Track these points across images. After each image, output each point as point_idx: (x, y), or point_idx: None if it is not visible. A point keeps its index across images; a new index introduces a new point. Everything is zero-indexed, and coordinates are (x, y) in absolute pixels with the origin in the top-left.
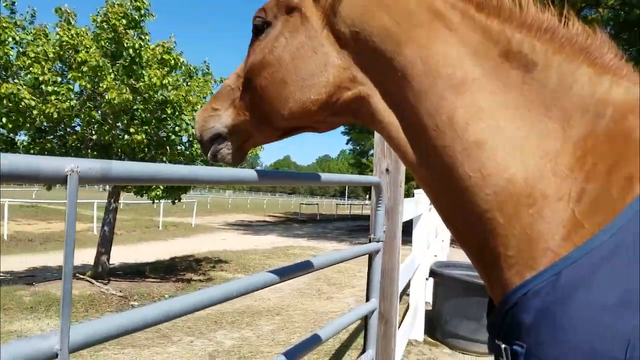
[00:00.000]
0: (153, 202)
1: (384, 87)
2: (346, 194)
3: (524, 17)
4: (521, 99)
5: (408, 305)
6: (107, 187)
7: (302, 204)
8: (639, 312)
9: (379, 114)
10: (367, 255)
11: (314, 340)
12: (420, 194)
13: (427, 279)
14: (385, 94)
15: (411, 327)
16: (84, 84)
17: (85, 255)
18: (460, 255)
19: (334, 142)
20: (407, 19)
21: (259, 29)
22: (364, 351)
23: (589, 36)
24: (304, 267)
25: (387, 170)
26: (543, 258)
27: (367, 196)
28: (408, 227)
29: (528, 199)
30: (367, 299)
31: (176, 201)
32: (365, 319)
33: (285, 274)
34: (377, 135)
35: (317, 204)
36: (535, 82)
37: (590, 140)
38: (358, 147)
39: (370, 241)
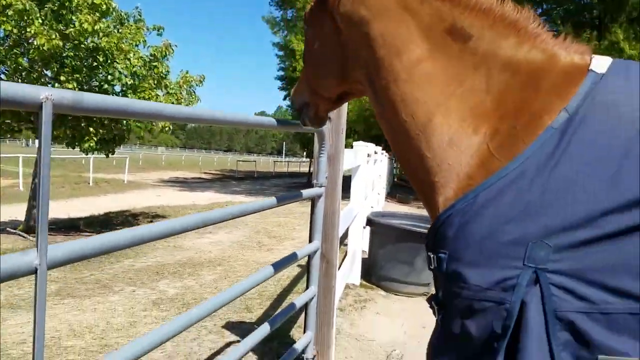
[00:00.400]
0: (87, 154)
1: (364, 61)
2: (283, 152)
3: (469, 1)
4: (456, 62)
5: (346, 253)
6: (37, 140)
7: (239, 161)
8: (537, 221)
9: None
10: (307, 210)
11: (265, 274)
12: (358, 146)
13: (364, 227)
14: (367, 67)
15: (349, 272)
16: (9, 28)
17: (13, 211)
18: (394, 208)
19: (270, 98)
20: (378, 9)
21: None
22: (307, 288)
23: (517, 12)
24: (252, 209)
25: (329, 118)
26: (462, 184)
27: (305, 154)
28: (347, 180)
29: (449, 138)
30: (310, 241)
31: (109, 154)
32: (308, 259)
33: (236, 213)
34: None
35: (255, 162)
36: (469, 49)
37: (506, 91)
38: None
39: (313, 186)
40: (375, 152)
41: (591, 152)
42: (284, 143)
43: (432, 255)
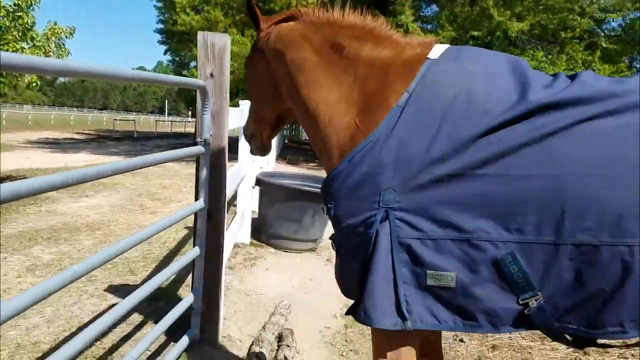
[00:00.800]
0: None
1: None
2: (166, 110)
3: (343, 21)
4: (336, 68)
5: (235, 213)
6: None
7: (116, 120)
8: (386, 174)
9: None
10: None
11: (147, 233)
12: (245, 105)
13: (253, 187)
14: (287, 84)
15: (238, 231)
16: None
17: None
18: (284, 169)
19: (149, 53)
20: (289, 42)
21: None
22: (194, 245)
23: (374, 22)
24: (132, 165)
25: (211, 75)
26: (341, 152)
27: (190, 113)
28: (236, 142)
29: (329, 119)
30: (196, 199)
31: None
32: (195, 217)
33: (118, 169)
34: (200, 37)
35: (134, 121)
36: (343, 57)
37: (366, 82)
38: (177, 59)
39: (197, 144)
40: None
41: (419, 118)
42: (167, 101)
43: (324, 206)
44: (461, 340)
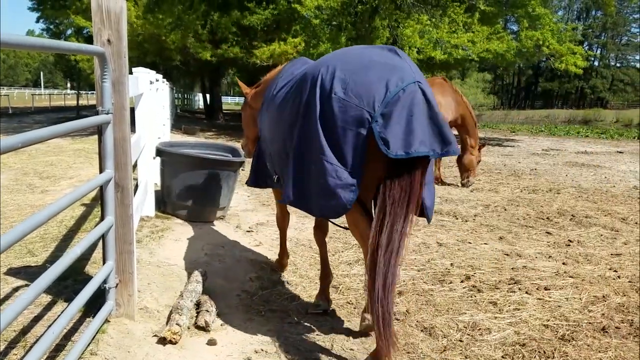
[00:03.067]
0: None
1: None
2: (42, 84)
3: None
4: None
5: (137, 185)
6: None
7: None
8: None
9: None
10: (81, 146)
11: (56, 208)
12: (139, 72)
13: (154, 158)
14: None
15: (142, 205)
16: None
17: None
18: (181, 139)
19: (16, 20)
20: (254, 100)
21: None
22: (103, 219)
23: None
24: (41, 136)
25: (108, 41)
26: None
27: (69, 85)
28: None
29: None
30: (101, 171)
31: None
32: (101, 189)
33: (26, 141)
34: (94, 3)
35: (7, 96)
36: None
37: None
38: (52, 27)
39: (98, 114)
40: (157, 80)
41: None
42: (42, 73)
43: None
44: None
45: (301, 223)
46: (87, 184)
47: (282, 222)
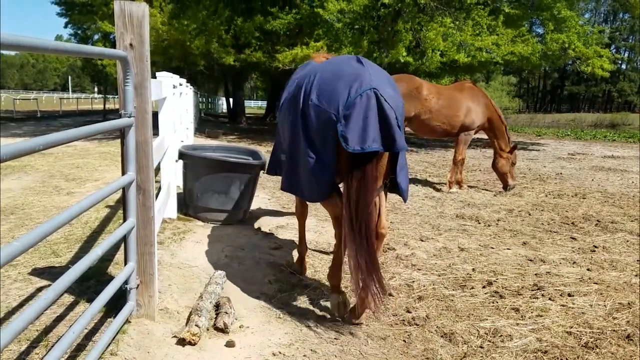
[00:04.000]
0: None
1: None
2: (69, 88)
3: None
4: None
5: (160, 188)
6: None
7: (16, 99)
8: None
9: None
10: (107, 150)
11: (78, 210)
12: (162, 77)
13: (176, 161)
14: None
15: (165, 206)
16: None
17: None
18: (204, 143)
19: (45, 26)
20: None
21: None
22: (125, 220)
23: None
24: (66, 138)
25: (131, 45)
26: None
27: (96, 89)
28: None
29: None
30: (123, 173)
31: None
32: (123, 192)
33: (50, 142)
34: (116, 7)
35: (36, 100)
36: None
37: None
38: (80, 32)
39: (121, 117)
40: (180, 84)
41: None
42: (69, 77)
43: None
44: (390, 295)
45: (321, 226)
46: (109, 186)
47: (300, 212)
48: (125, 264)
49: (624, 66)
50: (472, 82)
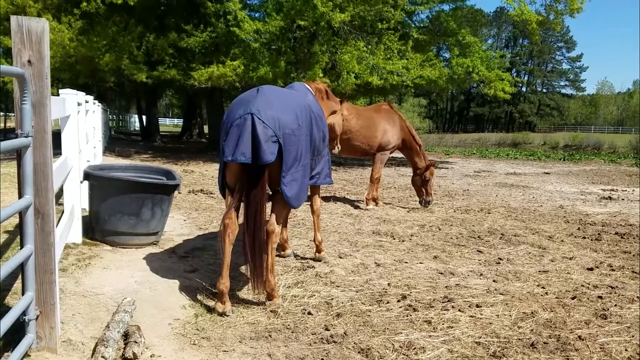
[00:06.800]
0: None
1: None
2: None
3: None
4: None
5: (63, 211)
6: None
7: None
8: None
9: None
10: (6, 171)
11: None
12: (67, 95)
13: (81, 182)
14: None
15: (68, 231)
16: None
17: None
18: (115, 162)
19: None
20: None
21: None
22: (22, 247)
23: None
24: None
25: (29, 62)
26: None
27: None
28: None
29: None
30: (20, 196)
31: None
32: (20, 216)
33: None
34: (13, 22)
35: None
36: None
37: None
38: None
39: (18, 137)
40: (87, 102)
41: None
42: None
43: None
44: (309, 313)
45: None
46: (4, 210)
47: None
48: (23, 293)
49: (524, 89)
50: (389, 104)
